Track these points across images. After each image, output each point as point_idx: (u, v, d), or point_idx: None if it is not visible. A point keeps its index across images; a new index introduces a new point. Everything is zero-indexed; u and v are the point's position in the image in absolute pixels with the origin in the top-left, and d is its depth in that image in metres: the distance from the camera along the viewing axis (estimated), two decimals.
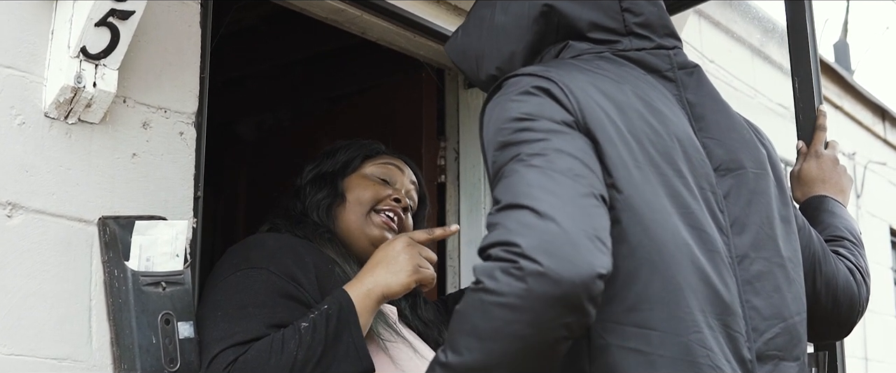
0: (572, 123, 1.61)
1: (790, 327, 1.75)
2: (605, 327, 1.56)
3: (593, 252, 1.43)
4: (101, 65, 2.08)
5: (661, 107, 1.74)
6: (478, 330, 1.44)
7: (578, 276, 1.40)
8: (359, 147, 2.61)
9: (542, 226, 1.43)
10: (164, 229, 2.13)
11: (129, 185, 2.19)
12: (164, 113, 2.29)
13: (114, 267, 2.08)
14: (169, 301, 2.10)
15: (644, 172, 1.62)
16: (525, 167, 1.52)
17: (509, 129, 1.60)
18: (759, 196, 1.79)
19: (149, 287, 2.07)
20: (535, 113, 1.60)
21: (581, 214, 1.46)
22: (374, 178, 2.54)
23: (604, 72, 1.74)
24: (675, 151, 1.69)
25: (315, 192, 2.51)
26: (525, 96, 1.63)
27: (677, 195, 1.64)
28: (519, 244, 1.41)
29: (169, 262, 2.12)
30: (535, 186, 1.48)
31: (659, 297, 1.57)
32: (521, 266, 1.40)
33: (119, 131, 2.19)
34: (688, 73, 1.85)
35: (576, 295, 1.41)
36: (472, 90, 3.53)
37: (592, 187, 1.52)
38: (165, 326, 2.07)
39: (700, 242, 1.64)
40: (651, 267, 1.58)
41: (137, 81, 2.24)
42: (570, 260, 1.40)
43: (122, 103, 2.21)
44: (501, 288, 1.41)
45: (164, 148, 2.27)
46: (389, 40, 3.24)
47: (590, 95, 1.65)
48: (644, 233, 1.58)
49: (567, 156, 1.54)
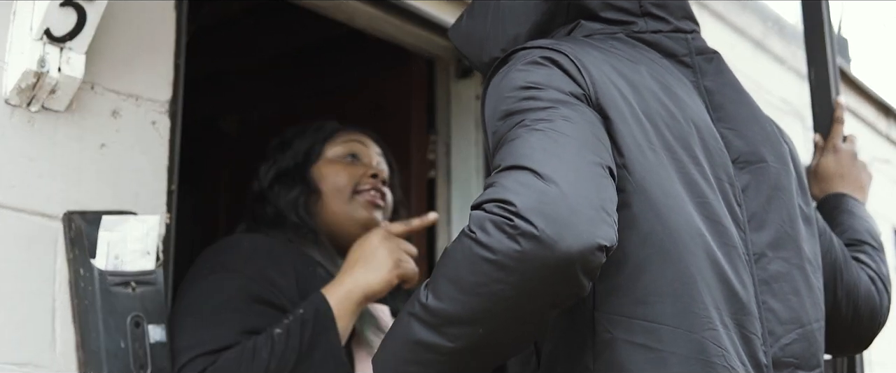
0: (582, 96, 1.54)
1: (808, 334, 1.68)
2: (611, 320, 1.50)
3: (596, 222, 1.36)
4: (66, 48, 2.02)
5: (678, 91, 1.67)
6: (461, 281, 1.39)
7: (576, 244, 1.33)
8: (314, 132, 2.54)
9: (541, 187, 1.37)
10: (135, 225, 2.07)
11: (96, 177, 2.13)
12: (136, 101, 2.23)
13: (79, 266, 2.02)
14: (139, 303, 2.04)
15: (658, 156, 1.56)
16: (529, 131, 1.46)
17: (514, 97, 1.53)
18: (781, 192, 1.73)
19: (117, 287, 2.01)
20: (542, 82, 1.54)
21: (586, 182, 1.40)
22: (341, 159, 2.48)
23: (618, 51, 1.68)
24: (692, 136, 1.62)
25: (285, 191, 2.43)
26: (532, 66, 1.57)
27: (693, 183, 1.58)
28: (513, 203, 1.35)
29: (139, 260, 2.07)
30: (537, 148, 1.43)
31: (671, 289, 1.50)
32: (515, 225, 1.34)
33: (86, 120, 2.13)
34: (707, 59, 1.79)
35: (570, 264, 1.34)
36: (464, 81, 3.50)
37: (600, 158, 1.46)
38: (135, 329, 2.02)
39: (716, 234, 1.57)
40: (663, 256, 1.51)
41: (106, 67, 2.18)
42: (569, 226, 1.34)
43: (90, 90, 2.14)
44: (492, 243, 1.35)
45: (135, 138, 2.21)
46: (377, 28, 3.20)
47: (603, 71, 1.59)
48: (657, 219, 1.51)
49: (575, 123, 1.48)
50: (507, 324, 1.41)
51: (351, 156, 2.48)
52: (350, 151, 2.50)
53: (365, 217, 2.40)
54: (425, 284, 1.46)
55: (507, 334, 1.43)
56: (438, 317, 1.42)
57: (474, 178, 3.41)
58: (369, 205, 2.42)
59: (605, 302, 1.48)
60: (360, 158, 2.49)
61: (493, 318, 1.39)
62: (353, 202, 2.41)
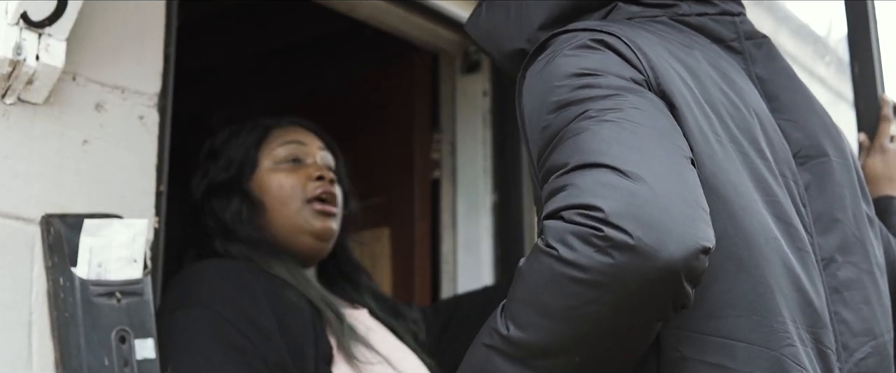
0: (643, 82, 1.42)
1: (881, 347, 1.58)
2: (679, 336, 1.38)
3: (694, 220, 1.26)
4: (45, 34, 1.93)
5: (736, 77, 1.56)
6: (546, 306, 1.27)
7: (678, 250, 1.22)
8: (246, 137, 2.41)
9: (628, 186, 1.25)
10: (120, 230, 1.98)
11: (78, 177, 2.04)
12: (122, 93, 2.13)
13: (59, 274, 1.94)
14: (125, 315, 1.95)
15: (726, 149, 1.44)
16: (597, 123, 1.34)
17: (567, 86, 1.40)
18: (845, 190, 1.62)
19: (101, 298, 1.93)
20: (597, 68, 1.41)
21: (675, 175, 1.29)
22: (281, 166, 2.36)
23: (667, 34, 1.56)
24: (756, 128, 1.51)
25: (223, 204, 2.32)
26: (583, 50, 1.45)
27: (762, 180, 1.47)
28: (601, 208, 1.23)
29: (125, 268, 1.98)
30: (613, 141, 1.30)
31: (747, 301, 1.38)
32: (606, 236, 1.22)
33: (67, 114, 2.05)
34: (756, 44, 1.67)
35: (674, 273, 1.23)
36: (471, 76, 3.40)
37: (683, 149, 1.35)
38: (120, 344, 1.93)
39: (789, 238, 1.47)
40: (737, 263, 1.39)
41: (90, 55, 2.09)
42: (667, 230, 1.23)
43: (72, 81, 2.06)
44: (580, 260, 1.23)
45: (121, 134, 2.11)
46: (379, 19, 3.11)
47: (660, 54, 1.47)
48: (730, 220, 1.40)
49: (648, 111, 1.36)
50: (607, 347, 1.29)
51: (292, 161, 2.37)
52: (289, 154, 2.38)
53: (319, 228, 2.31)
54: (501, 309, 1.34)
55: (610, 357, 1.31)
56: (524, 349, 1.30)
57: (481, 178, 3.32)
58: (321, 215, 2.31)
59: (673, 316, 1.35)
60: (301, 160, 2.38)
61: (591, 343, 1.28)
62: (303, 212, 2.30)
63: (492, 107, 3.27)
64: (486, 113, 3.28)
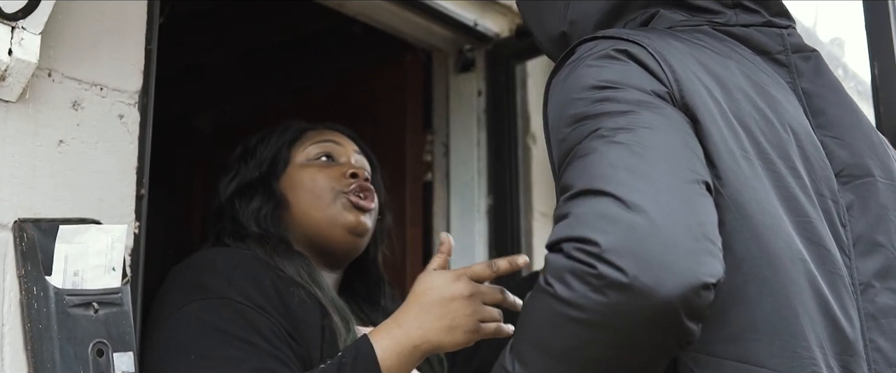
0: (665, 95, 1.39)
1: None
2: (698, 360, 1.35)
3: (697, 254, 1.22)
4: (18, 28, 1.88)
5: (774, 90, 1.53)
6: (547, 346, 1.28)
7: (676, 287, 1.19)
8: (279, 136, 2.35)
9: (628, 219, 1.22)
10: (97, 236, 1.92)
11: (53, 179, 1.99)
12: (100, 90, 2.07)
13: (32, 283, 1.88)
14: (102, 327, 1.90)
15: (753, 166, 1.41)
16: (606, 144, 1.31)
17: (585, 99, 1.38)
18: (890, 212, 1.57)
19: (77, 309, 1.88)
20: (618, 80, 1.39)
21: (681, 204, 1.26)
22: (314, 162, 2.29)
23: (703, 44, 1.53)
24: (791, 144, 1.48)
25: (245, 204, 2.25)
26: (605, 61, 1.43)
27: (793, 199, 1.43)
28: (597, 242, 1.21)
29: (102, 277, 1.92)
30: (619, 166, 1.28)
31: (770, 324, 1.35)
32: (600, 273, 1.20)
33: (42, 112, 1.99)
34: (804, 57, 1.64)
35: (672, 312, 1.20)
36: (465, 75, 3.39)
37: (695, 172, 1.32)
38: (98, 358, 1.88)
39: (819, 260, 1.43)
40: (761, 284, 1.36)
41: (66, 51, 2.04)
42: (666, 266, 1.20)
43: (47, 77, 2.01)
44: (576, 299, 1.22)
45: (99, 134, 2.06)
46: (370, 15, 3.09)
47: (687, 64, 1.44)
48: (754, 240, 1.37)
49: (661, 131, 1.33)
50: None
51: (325, 157, 2.30)
52: (323, 151, 2.30)
53: (352, 221, 2.21)
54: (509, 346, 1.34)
55: None
56: None
57: (476, 182, 3.30)
58: (355, 208, 2.22)
59: None
60: (335, 158, 2.30)
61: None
62: (335, 205, 2.21)
63: (487, 107, 3.27)
64: (480, 113, 3.28)
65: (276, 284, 2.01)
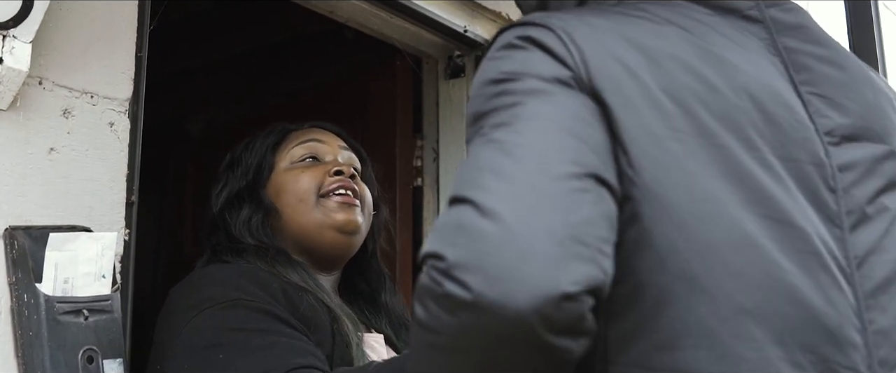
0: (570, 79, 1.25)
1: None
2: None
3: (559, 261, 1.07)
4: (9, 36, 1.87)
5: (727, 54, 1.36)
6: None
7: (528, 301, 1.04)
8: (262, 141, 2.27)
9: (480, 228, 1.08)
10: (87, 244, 1.92)
11: (43, 187, 1.97)
12: (91, 98, 2.06)
13: (23, 291, 1.87)
14: (92, 334, 1.89)
15: (686, 145, 1.24)
16: (482, 144, 1.19)
17: (483, 95, 1.26)
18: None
19: (67, 316, 1.87)
20: (516, 71, 1.25)
21: (549, 205, 1.11)
22: (298, 165, 2.21)
23: (641, 14, 1.38)
24: (744, 112, 1.30)
25: (235, 215, 2.17)
26: (508, 51, 1.29)
27: (744, 175, 1.26)
28: (445, 257, 1.08)
29: (92, 284, 1.91)
30: (485, 169, 1.15)
31: (706, 326, 1.19)
32: (446, 292, 1.07)
33: (32, 120, 1.98)
34: (783, 10, 1.47)
35: (528, 329, 1.05)
36: (455, 81, 3.36)
37: (579, 164, 1.16)
38: (88, 365, 1.87)
39: (783, 239, 1.24)
40: (690, 283, 1.20)
41: (57, 59, 2.03)
42: (516, 278, 1.05)
43: (38, 85, 1.99)
44: (431, 322, 1.10)
45: (90, 142, 2.04)
46: (361, 22, 3.04)
47: (603, 42, 1.29)
48: (678, 232, 1.21)
49: (543, 122, 1.19)
50: None
51: (310, 157, 2.22)
52: (308, 152, 2.23)
53: (340, 219, 2.13)
54: None
55: None
56: None
57: None
58: (341, 206, 2.14)
59: (620, 350, 1.19)
60: (320, 157, 2.23)
61: None
62: (320, 206, 2.13)
63: None
64: None
65: (284, 289, 1.94)
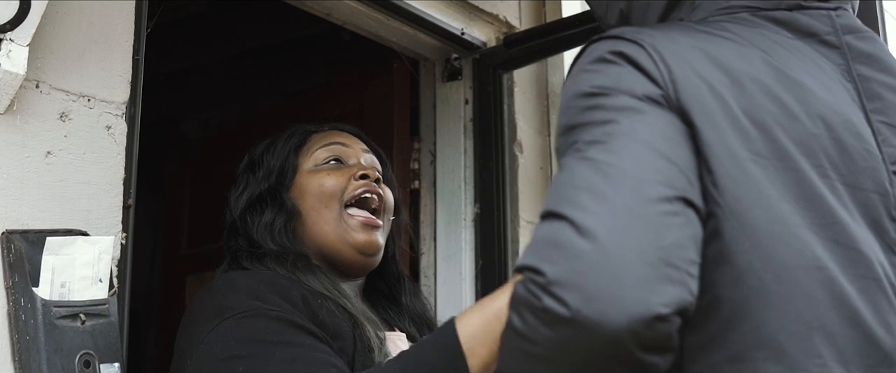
0: (660, 97, 1.29)
1: None
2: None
3: (651, 283, 1.13)
4: (6, 39, 1.87)
5: (806, 79, 1.40)
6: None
7: (623, 320, 1.11)
8: (284, 143, 2.22)
9: (578, 247, 1.15)
10: (84, 247, 1.91)
11: (40, 191, 1.97)
12: (88, 102, 2.06)
13: (20, 295, 1.87)
14: (89, 338, 1.89)
15: (764, 168, 1.29)
16: (577, 160, 1.25)
17: (575, 107, 1.31)
18: None
19: (64, 320, 1.87)
20: (609, 86, 1.31)
21: (642, 228, 1.17)
22: (322, 167, 2.16)
23: (725, 34, 1.42)
24: (819, 138, 1.35)
25: (256, 218, 2.11)
26: (600, 65, 1.34)
27: (815, 200, 1.31)
28: (544, 273, 1.14)
29: (89, 288, 1.91)
30: (581, 187, 1.21)
31: (776, 341, 1.25)
32: (545, 307, 1.13)
33: (30, 124, 1.98)
34: (859, 38, 1.50)
35: (622, 346, 1.12)
36: (452, 83, 3.31)
37: (671, 187, 1.22)
38: (85, 369, 1.88)
39: (847, 264, 1.30)
40: (765, 299, 1.25)
41: (54, 62, 2.03)
42: (612, 298, 1.11)
43: (35, 89, 1.99)
44: (529, 333, 1.16)
45: (87, 145, 2.05)
46: (358, 24, 3.01)
47: (690, 61, 1.33)
48: (755, 251, 1.26)
49: (637, 143, 1.24)
50: None
51: (334, 160, 2.17)
52: (331, 155, 2.18)
53: (361, 240, 2.09)
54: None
55: None
56: None
57: (462, 190, 3.22)
58: (364, 227, 2.10)
59: (694, 359, 1.23)
60: (343, 160, 2.18)
61: None
62: (343, 220, 2.09)
63: (473, 116, 3.19)
64: (467, 122, 3.20)
65: (304, 296, 1.90)
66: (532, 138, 3.26)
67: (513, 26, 3.30)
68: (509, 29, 3.30)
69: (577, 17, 3.05)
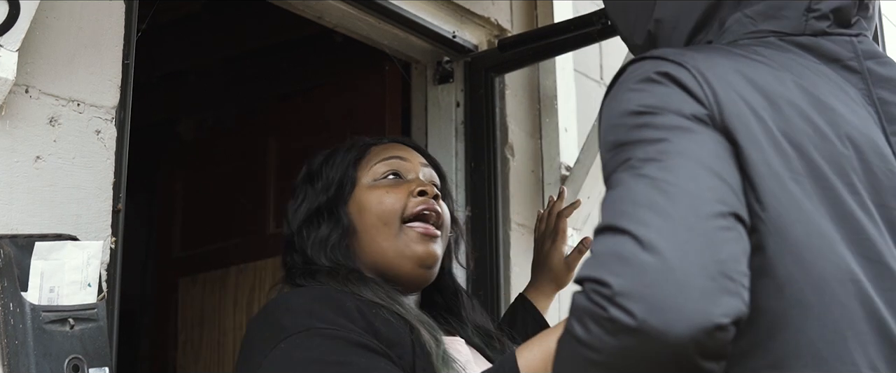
0: (705, 117, 1.34)
1: None
2: None
3: (712, 295, 1.19)
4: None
5: (834, 102, 1.46)
6: None
7: (687, 330, 1.16)
8: (343, 155, 2.18)
9: (642, 260, 1.20)
10: (73, 252, 1.91)
11: (30, 195, 1.97)
12: (77, 106, 2.06)
13: (9, 300, 1.87)
14: (78, 343, 1.89)
15: (802, 186, 1.36)
16: (633, 177, 1.29)
17: (624, 125, 1.36)
18: None
19: (53, 325, 1.87)
20: (657, 105, 1.35)
21: (701, 243, 1.22)
22: (380, 182, 2.12)
23: (758, 57, 1.47)
24: (849, 158, 1.41)
25: (313, 232, 2.09)
26: (646, 84, 1.38)
27: (848, 216, 1.37)
28: (610, 284, 1.19)
29: (78, 293, 1.91)
30: (641, 203, 1.25)
31: (815, 349, 1.31)
32: (611, 317, 1.18)
33: (19, 128, 1.98)
34: (880, 63, 1.56)
35: (685, 355, 1.17)
36: (443, 86, 3.30)
37: (724, 204, 1.27)
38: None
39: (878, 278, 1.36)
40: (804, 310, 1.31)
41: (43, 67, 2.03)
42: (676, 308, 1.17)
43: (24, 93, 1.99)
44: (592, 341, 1.20)
45: (76, 150, 2.05)
46: (349, 27, 3.00)
47: (731, 83, 1.39)
48: (796, 264, 1.32)
49: (691, 162, 1.29)
50: None
51: (392, 174, 2.13)
52: (390, 169, 2.14)
53: (420, 252, 2.06)
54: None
55: None
56: None
57: (454, 193, 3.16)
58: (422, 238, 2.07)
59: (735, 365, 1.27)
60: (402, 175, 2.14)
61: None
62: (402, 235, 2.06)
63: (465, 119, 3.17)
64: (458, 125, 3.18)
65: (358, 306, 1.88)
66: (523, 142, 3.25)
67: (505, 29, 3.29)
68: (501, 32, 3.29)
69: (570, 21, 3.05)
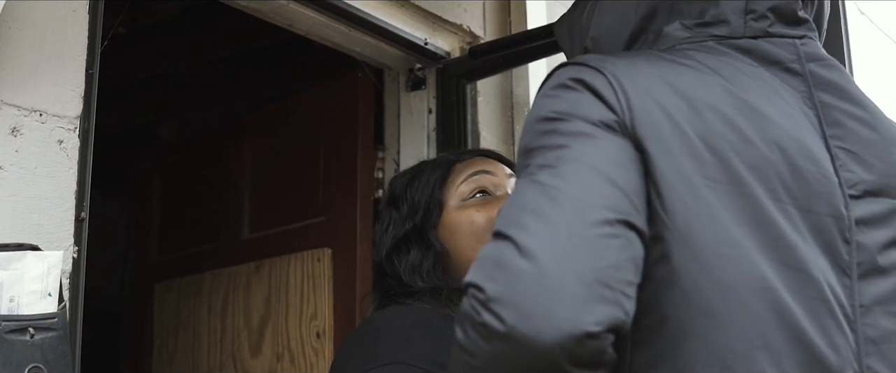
0: (614, 123, 1.33)
1: None
2: None
3: (585, 302, 1.17)
4: None
5: (765, 105, 1.42)
6: None
7: (555, 337, 1.15)
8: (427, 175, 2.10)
9: (517, 266, 1.19)
10: (33, 262, 1.89)
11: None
12: (40, 117, 2.02)
13: None
14: (39, 352, 1.86)
15: (717, 193, 1.32)
16: (527, 183, 1.29)
17: (535, 131, 1.36)
18: None
19: (13, 335, 1.84)
20: (566, 111, 1.35)
21: (581, 250, 1.21)
22: (470, 201, 2.05)
23: (687, 62, 1.45)
24: (773, 164, 1.38)
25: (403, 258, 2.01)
26: (560, 90, 1.38)
27: (767, 223, 1.34)
28: (485, 290, 1.19)
29: (39, 303, 1.88)
30: (528, 209, 1.25)
31: (720, 359, 1.28)
32: (483, 322, 1.18)
33: None
34: (823, 65, 1.53)
35: (552, 361, 1.16)
36: (416, 93, 3.30)
37: (614, 211, 1.25)
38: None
39: (795, 285, 1.33)
40: (711, 319, 1.28)
41: (6, 77, 1.99)
42: (545, 316, 1.15)
43: None
44: (469, 346, 1.21)
45: (38, 160, 2.01)
46: (321, 35, 3.00)
47: (649, 89, 1.37)
48: (703, 273, 1.29)
49: (586, 168, 1.28)
50: None
51: (480, 192, 2.06)
52: (477, 187, 2.06)
53: None
54: None
55: None
56: None
57: None
58: None
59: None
60: (490, 191, 2.07)
61: None
62: None
63: (437, 125, 3.16)
64: (430, 131, 3.17)
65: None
66: (496, 148, 3.20)
67: (477, 36, 3.28)
68: (473, 39, 3.28)
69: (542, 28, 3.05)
